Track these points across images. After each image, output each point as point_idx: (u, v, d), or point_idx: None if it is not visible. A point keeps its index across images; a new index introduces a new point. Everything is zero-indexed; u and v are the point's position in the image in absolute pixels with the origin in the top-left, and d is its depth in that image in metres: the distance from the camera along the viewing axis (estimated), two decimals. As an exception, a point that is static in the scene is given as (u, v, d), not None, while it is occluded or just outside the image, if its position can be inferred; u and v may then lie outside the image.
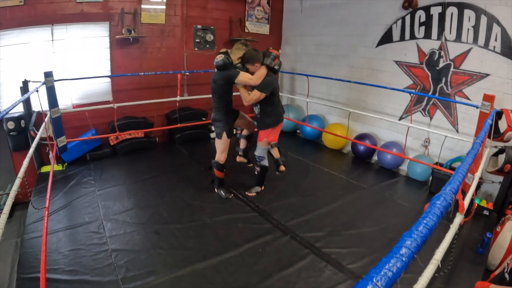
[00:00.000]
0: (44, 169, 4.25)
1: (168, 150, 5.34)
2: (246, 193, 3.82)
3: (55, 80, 3.77)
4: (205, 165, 4.58)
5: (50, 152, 3.98)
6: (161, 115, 5.61)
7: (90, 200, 3.59)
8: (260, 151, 3.70)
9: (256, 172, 3.84)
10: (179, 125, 5.19)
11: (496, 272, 2.39)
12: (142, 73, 4.88)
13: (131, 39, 4.87)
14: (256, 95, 3.35)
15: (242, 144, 4.19)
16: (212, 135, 5.92)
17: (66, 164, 4.44)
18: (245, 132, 4.10)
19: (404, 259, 0.82)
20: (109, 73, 4.88)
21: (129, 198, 3.69)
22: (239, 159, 4.23)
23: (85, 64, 4.64)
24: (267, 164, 3.78)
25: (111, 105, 4.51)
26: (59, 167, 4.31)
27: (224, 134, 3.56)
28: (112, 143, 4.90)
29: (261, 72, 3.33)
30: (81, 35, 4.52)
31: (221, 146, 3.60)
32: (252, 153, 3.93)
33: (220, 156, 3.63)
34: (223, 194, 3.75)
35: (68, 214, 3.31)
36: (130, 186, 3.99)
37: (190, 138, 5.60)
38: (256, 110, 3.61)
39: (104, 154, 4.76)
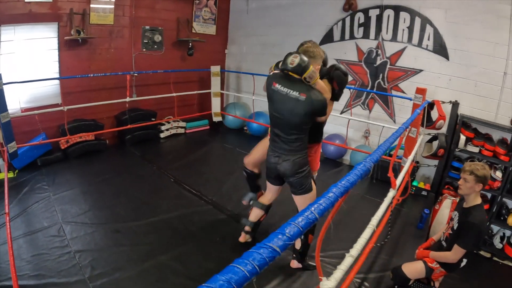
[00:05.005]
0: (-7, 177, 4.12)
1: (119, 152, 5.37)
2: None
3: (4, 84, 3.65)
4: (157, 165, 4.76)
5: (1, 159, 3.89)
6: (110, 116, 5.60)
7: (46, 205, 3.59)
8: None
9: None
10: (129, 126, 5.25)
11: (435, 238, 2.83)
12: (91, 75, 4.85)
13: (80, 40, 4.81)
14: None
15: (255, 215, 2.94)
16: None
17: (17, 171, 4.31)
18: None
19: (324, 204, 1.11)
20: (57, 75, 4.78)
21: (86, 200, 3.75)
22: (243, 238, 2.95)
23: (33, 66, 4.52)
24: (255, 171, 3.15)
25: (61, 108, 4.47)
26: (10, 175, 4.17)
27: (313, 184, 2.59)
28: (63, 147, 4.81)
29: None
30: (29, 36, 4.40)
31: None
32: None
33: None
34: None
35: (25, 220, 3.31)
36: (85, 188, 4.03)
37: (141, 139, 5.67)
38: None
39: (55, 159, 4.68)
